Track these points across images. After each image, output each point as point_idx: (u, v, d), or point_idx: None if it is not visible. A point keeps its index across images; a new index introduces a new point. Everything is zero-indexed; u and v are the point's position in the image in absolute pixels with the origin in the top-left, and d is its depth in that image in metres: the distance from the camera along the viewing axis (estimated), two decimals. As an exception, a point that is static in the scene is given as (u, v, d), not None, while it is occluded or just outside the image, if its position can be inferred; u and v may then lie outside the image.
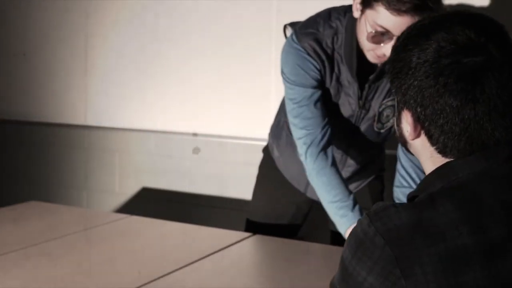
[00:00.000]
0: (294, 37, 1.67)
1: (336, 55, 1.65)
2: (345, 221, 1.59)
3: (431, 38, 0.87)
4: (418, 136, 0.92)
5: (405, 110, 0.92)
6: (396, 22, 1.43)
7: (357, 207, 1.60)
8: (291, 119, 1.69)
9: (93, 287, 1.44)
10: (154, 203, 1.97)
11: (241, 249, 1.71)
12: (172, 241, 1.82)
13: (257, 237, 1.80)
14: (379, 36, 1.49)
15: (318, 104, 1.65)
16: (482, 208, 0.82)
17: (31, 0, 3.30)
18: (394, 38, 1.44)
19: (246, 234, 1.81)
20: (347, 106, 1.71)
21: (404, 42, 0.92)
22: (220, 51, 2.76)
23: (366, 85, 1.66)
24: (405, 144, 0.98)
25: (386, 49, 1.48)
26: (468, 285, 0.78)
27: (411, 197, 0.90)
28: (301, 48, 1.64)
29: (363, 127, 1.76)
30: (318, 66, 1.64)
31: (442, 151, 0.89)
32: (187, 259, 1.61)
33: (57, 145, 3.29)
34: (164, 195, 2.91)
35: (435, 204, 0.82)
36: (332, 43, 1.64)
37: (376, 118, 1.73)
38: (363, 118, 1.74)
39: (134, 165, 3.01)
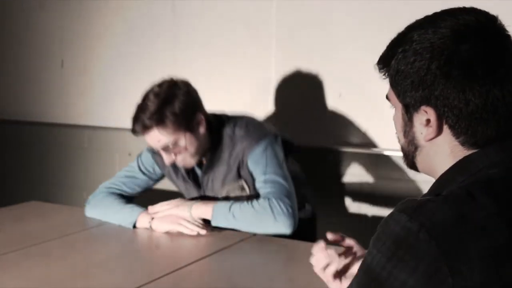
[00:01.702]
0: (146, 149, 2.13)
1: None
2: (132, 212, 1.97)
3: (441, 26, 0.85)
4: (439, 133, 0.88)
5: (421, 110, 0.88)
6: (147, 139, 1.90)
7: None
8: (118, 174, 2.18)
9: (93, 287, 1.44)
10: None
11: (241, 249, 1.71)
12: (172, 241, 1.82)
13: (257, 237, 1.80)
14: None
15: (132, 184, 2.16)
16: None
17: (32, 2, 3.31)
18: (161, 149, 1.91)
19: (246, 234, 1.81)
20: (196, 193, 2.07)
21: (402, 37, 0.89)
22: (219, 51, 2.76)
23: (203, 178, 2.01)
24: (414, 152, 0.94)
25: (164, 156, 1.94)
26: (510, 280, 0.75)
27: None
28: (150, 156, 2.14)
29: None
30: (159, 174, 2.18)
31: (467, 142, 0.86)
32: (187, 259, 1.61)
33: (57, 145, 3.29)
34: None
35: (473, 197, 0.79)
36: None
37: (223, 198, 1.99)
38: (213, 198, 2.00)
39: (134, 165, 3.00)
